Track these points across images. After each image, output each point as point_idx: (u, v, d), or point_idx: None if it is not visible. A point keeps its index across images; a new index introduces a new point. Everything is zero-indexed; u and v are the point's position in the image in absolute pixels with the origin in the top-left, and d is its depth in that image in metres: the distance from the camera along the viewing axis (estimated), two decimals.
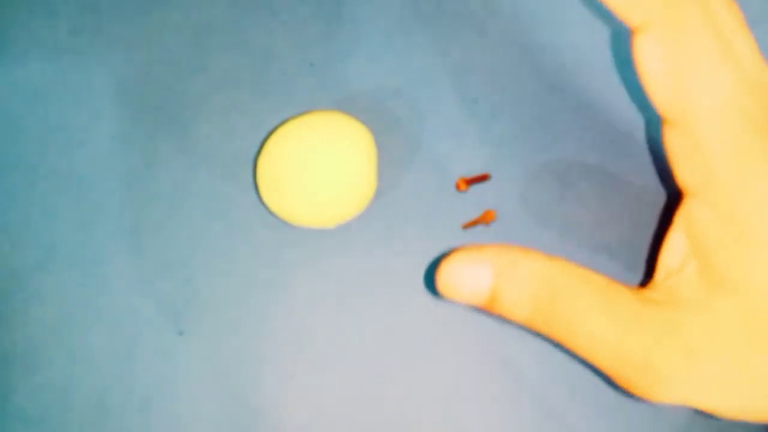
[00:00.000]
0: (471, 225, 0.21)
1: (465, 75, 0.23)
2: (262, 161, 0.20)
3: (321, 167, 0.19)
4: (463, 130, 0.23)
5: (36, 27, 0.24)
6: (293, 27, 0.24)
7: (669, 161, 0.17)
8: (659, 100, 0.16)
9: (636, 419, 0.21)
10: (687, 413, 0.21)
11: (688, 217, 0.17)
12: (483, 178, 0.21)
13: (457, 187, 0.20)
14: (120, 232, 0.22)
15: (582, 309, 0.16)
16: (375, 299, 0.22)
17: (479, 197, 0.22)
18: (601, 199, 0.22)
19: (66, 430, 0.21)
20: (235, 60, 0.23)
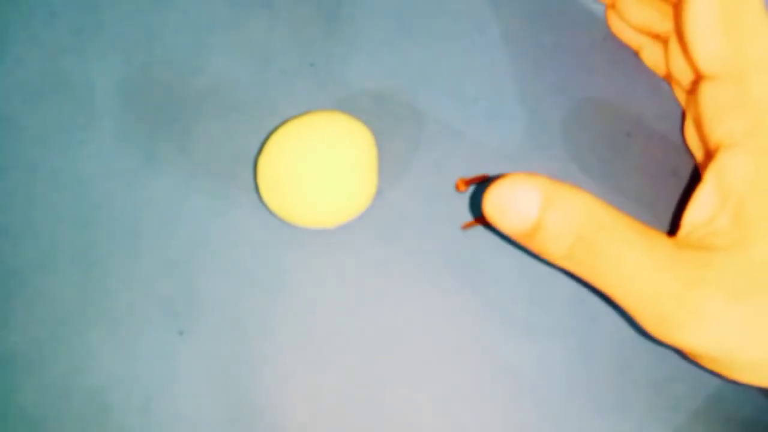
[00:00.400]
0: (471, 225, 0.21)
1: (465, 75, 0.23)
2: (262, 161, 0.20)
3: (321, 167, 0.19)
4: (463, 130, 0.23)
5: (36, 27, 0.24)
6: (293, 27, 0.24)
7: (702, 119, 0.18)
8: (707, 52, 0.17)
9: (636, 419, 0.21)
10: (687, 413, 0.21)
11: (721, 172, 0.17)
12: (483, 178, 0.21)
13: (457, 188, 0.20)
14: (120, 232, 0.22)
15: (623, 246, 0.16)
16: (375, 299, 0.22)
17: (479, 197, 0.22)
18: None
19: (66, 430, 0.21)
20: (235, 60, 0.23)
